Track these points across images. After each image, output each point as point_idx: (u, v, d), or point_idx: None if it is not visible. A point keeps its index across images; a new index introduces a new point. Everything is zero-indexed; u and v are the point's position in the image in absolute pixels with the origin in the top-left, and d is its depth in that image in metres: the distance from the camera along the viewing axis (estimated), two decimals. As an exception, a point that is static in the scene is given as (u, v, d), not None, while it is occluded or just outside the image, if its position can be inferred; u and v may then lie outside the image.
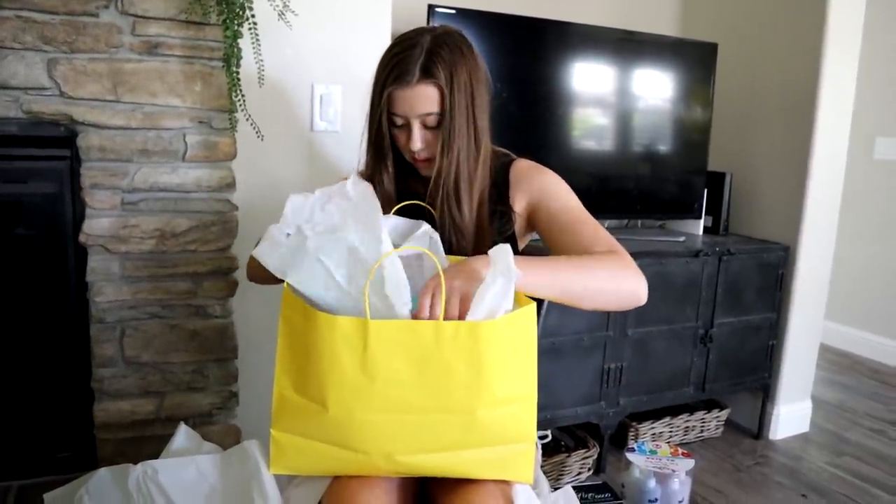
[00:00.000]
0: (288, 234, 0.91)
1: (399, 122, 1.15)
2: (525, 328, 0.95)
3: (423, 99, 1.11)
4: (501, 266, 0.89)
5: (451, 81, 1.10)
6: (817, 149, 2.40)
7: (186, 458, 1.41)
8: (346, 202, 1.02)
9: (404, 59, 1.10)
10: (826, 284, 2.58)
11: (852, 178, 3.04)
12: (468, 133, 1.14)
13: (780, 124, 2.50)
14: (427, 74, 1.09)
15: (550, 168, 1.25)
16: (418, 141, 1.14)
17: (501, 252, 0.92)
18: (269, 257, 0.96)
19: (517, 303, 0.96)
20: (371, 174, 1.21)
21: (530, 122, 2.22)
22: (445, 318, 0.89)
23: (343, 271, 0.92)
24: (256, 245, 1.03)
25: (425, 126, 1.14)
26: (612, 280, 1.06)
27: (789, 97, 2.46)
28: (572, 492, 1.09)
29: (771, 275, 2.46)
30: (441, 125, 1.12)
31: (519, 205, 1.23)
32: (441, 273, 0.90)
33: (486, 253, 0.96)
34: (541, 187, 1.21)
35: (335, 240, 0.94)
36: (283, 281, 0.97)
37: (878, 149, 3.53)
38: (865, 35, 2.46)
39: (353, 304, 0.91)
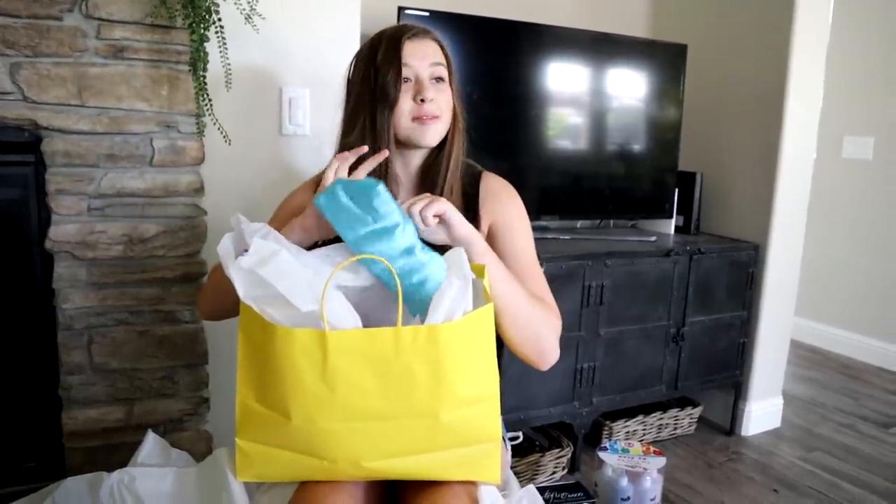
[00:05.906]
0: (245, 251, 0.91)
1: (408, 74, 1.15)
2: (484, 328, 0.95)
3: (433, 50, 1.18)
4: (457, 268, 0.90)
5: (448, 54, 1.20)
6: (786, 148, 2.43)
7: (165, 468, 1.40)
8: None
9: (411, 24, 1.21)
10: (796, 282, 2.62)
11: (821, 177, 3.09)
12: (459, 106, 1.22)
13: (750, 124, 2.54)
14: (434, 35, 1.20)
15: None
16: (430, 90, 1.15)
17: (457, 255, 0.93)
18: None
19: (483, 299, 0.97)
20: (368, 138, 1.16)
21: (503, 122, 2.23)
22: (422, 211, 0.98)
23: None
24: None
25: (434, 81, 1.17)
26: (544, 328, 1.13)
27: (758, 97, 2.49)
28: (535, 491, 1.10)
29: (741, 273, 2.49)
30: (448, 83, 1.19)
31: (485, 221, 1.24)
32: (399, 285, 0.90)
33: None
34: (509, 217, 1.24)
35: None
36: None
37: (847, 148, 3.58)
38: (833, 35, 2.51)
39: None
